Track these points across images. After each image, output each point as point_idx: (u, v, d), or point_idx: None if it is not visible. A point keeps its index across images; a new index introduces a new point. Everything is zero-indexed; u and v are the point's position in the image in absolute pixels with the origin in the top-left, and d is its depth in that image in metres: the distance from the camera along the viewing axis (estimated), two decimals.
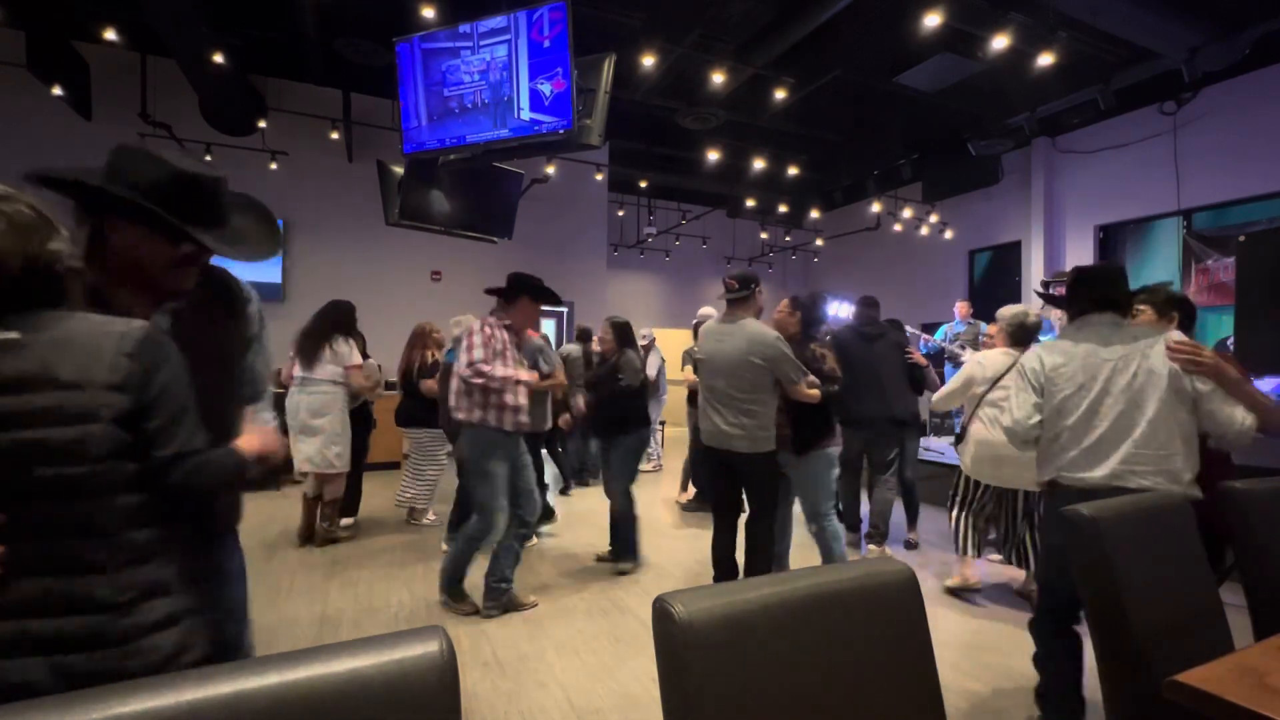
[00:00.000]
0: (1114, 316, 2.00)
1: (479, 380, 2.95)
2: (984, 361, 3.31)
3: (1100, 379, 1.91)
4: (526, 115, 4.04)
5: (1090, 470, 1.89)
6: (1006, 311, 3.35)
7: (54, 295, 0.95)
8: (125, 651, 0.90)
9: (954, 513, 3.41)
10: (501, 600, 3.15)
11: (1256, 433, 1.83)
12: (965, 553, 3.36)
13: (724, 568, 3.24)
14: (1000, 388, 3.19)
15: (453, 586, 3.19)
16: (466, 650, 2.76)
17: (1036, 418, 2.00)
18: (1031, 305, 3.38)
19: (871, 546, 4.08)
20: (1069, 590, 1.95)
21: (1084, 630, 1.95)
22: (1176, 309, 2.36)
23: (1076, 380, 1.94)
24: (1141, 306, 2.35)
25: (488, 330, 3.05)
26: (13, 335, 0.88)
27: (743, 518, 3.24)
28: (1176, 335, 1.89)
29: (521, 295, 3.20)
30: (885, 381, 4.12)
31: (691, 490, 5.51)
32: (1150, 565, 1.41)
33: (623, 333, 3.98)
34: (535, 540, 4.30)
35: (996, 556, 3.56)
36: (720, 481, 3.24)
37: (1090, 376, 1.92)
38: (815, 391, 3.03)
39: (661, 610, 0.81)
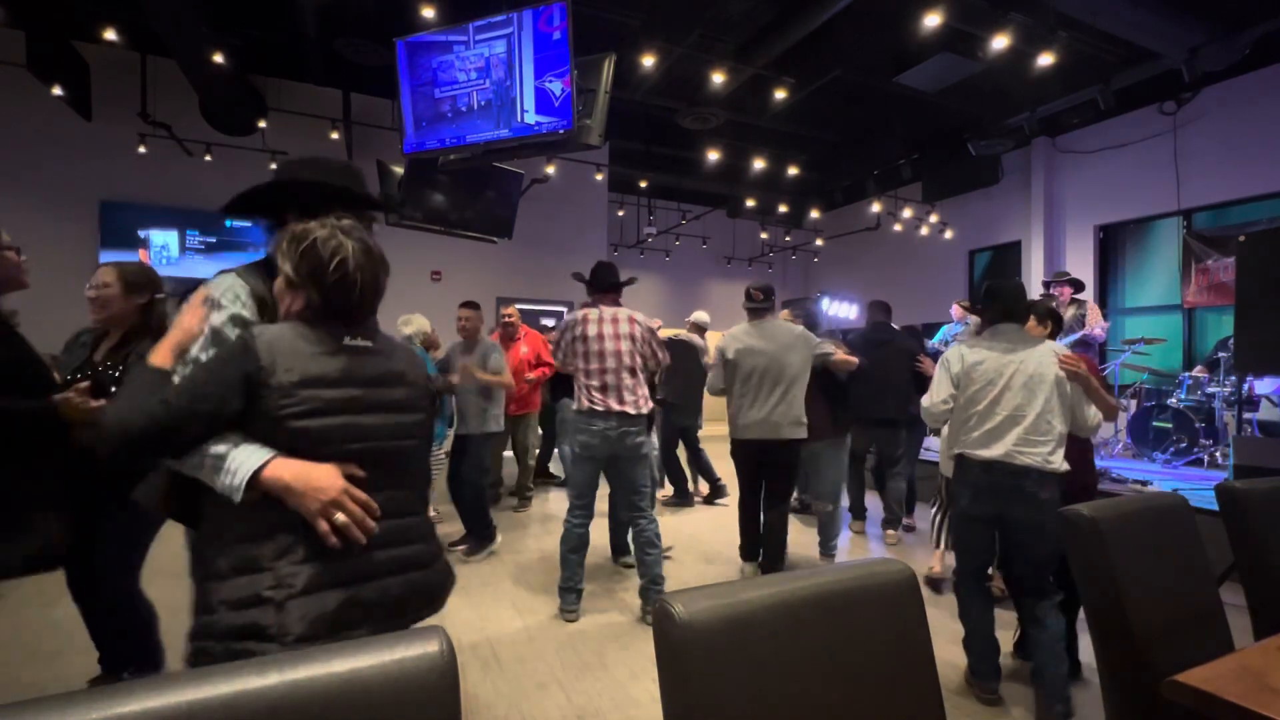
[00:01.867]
0: (1016, 326, 2.49)
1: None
2: None
3: (1004, 376, 2.37)
4: (532, 118, 3.87)
5: (989, 448, 2.35)
6: (972, 318, 3.50)
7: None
8: (434, 569, 1.28)
9: (933, 509, 3.61)
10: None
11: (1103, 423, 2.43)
12: (938, 545, 3.57)
13: (757, 538, 3.61)
14: None
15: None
16: (466, 650, 2.76)
17: (948, 404, 2.49)
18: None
19: (889, 531, 4.49)
20: (975, 547, 2.47)
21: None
22: (1050, 318, 2.83)
23: (987, 376, 2.40)
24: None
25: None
26: (368, 344, 1.21)
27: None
28: (1063, 349, 2.38)
29: (620, 288, 3.32)
30: (887, 385, 4.36)
31: (669, 487, 5.51)
32: (1150, 565, 1.41)
33: None
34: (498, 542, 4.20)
35: None
36: (753, 469, 3.57)
37: (997, 374, 2.38)
38: (854, 358, 3.64)
39: (661, 610, 0.81)
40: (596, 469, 3.14)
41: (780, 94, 6.23)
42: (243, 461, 1.06)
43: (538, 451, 5.67)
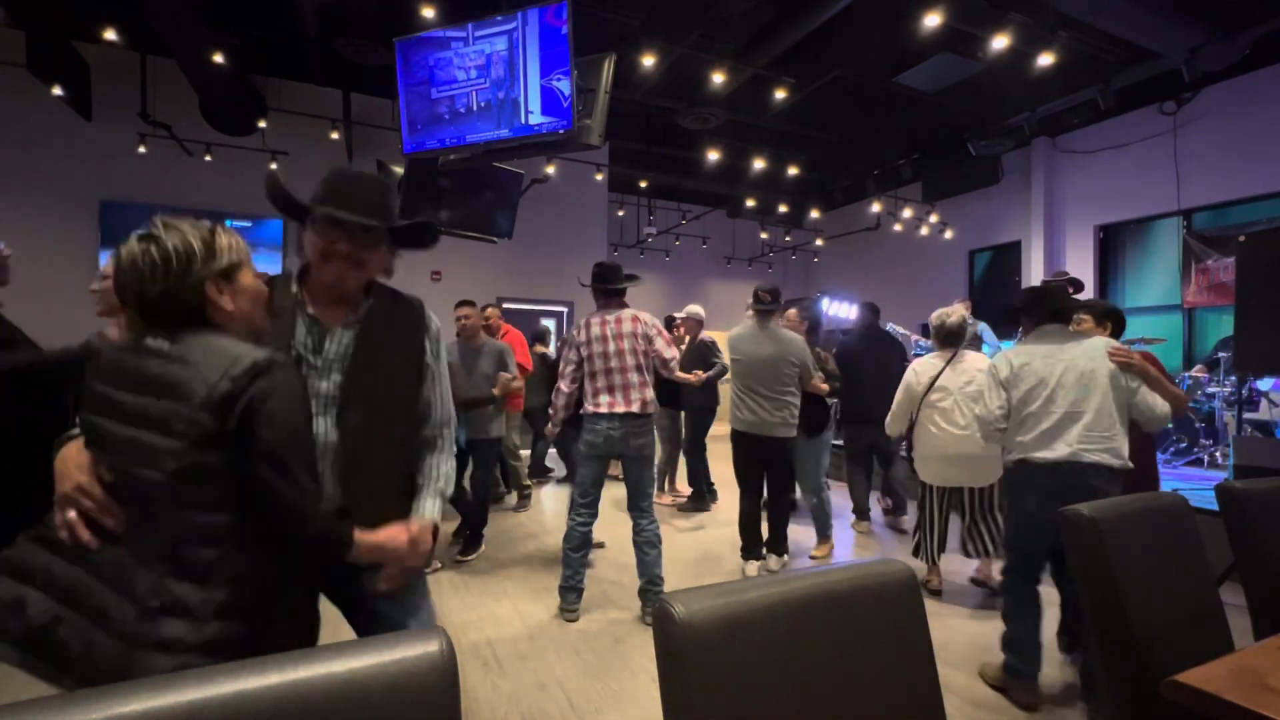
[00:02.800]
0: (1061, 326, 2.47)
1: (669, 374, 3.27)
2: (918, 369, 3.48)
3: (1055, 375, 2.34)
4: (537, 119, 3.79)
5: (1050, 449, 2.30)
6: (932, 317, 3.55)
7: (195, 318, 1.06)
8: (127, 654, 0.94)
9: (916, 523, 3.57)
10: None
11: (1172, 416, 2.35)
12: (931, 560, 3.48)
13: (756, 537, 3.77)
14: (938, 389, 3.35)
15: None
16: (466, 650, 2.76)
17: (1004, 409, 2.44)
18: (957, 307, 3.65)
19: (902, 517, 4.79)
20: (1034, 550, 2.42)
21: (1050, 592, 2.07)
22: (1110, 319, 2.84)
23: (1038, 376, 2.37)
24: (1083, 316, 2.83)
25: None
26: (163, 344, 1.02)
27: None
28: (1112, 342, 2.36)
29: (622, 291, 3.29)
30: (890, 384, 4.54)
31: (672, 489, 5.50)
32: (1150, 565, 1.41)
33: None
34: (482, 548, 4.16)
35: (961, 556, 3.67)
36: (752, 466, 3.75)
37: (1048, 373, 2.35)
38: (825, 385, 3.88)
39: (661, 610, 0.81)
40: (603, 468, 3.15)
41: (780, 94, 6.23)
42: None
43: (525, 453, 5.66)
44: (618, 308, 3.18)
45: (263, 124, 6.86)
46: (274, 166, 6.94)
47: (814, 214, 10.20)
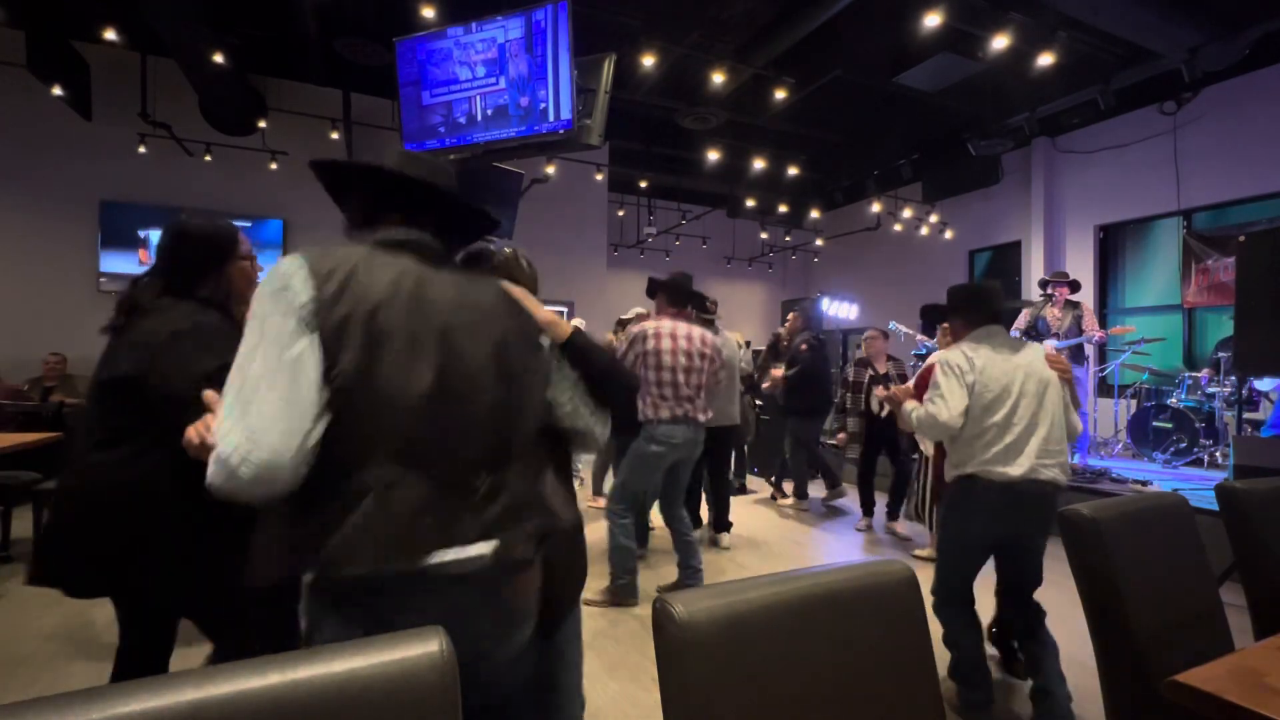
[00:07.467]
0: (1002, 329, 2.27)
1: None
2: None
3: (1018, 383, 2.13)
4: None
5: (1009, 465, 2.08)
6: None
7: None
8: None
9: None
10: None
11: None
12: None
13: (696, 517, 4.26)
14: None
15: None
16: None
17: (964, 414, 2.15)
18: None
19: (833, 490, 5.57)
20: (973, 572, 2.24)
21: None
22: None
23: (1001, 382, 2.13)
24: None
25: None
26: None
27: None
28: (1051, 350, 2.23)
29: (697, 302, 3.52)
30: (827, 381, 5.47)
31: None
32: (1150, 565, 1.41)
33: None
34: None
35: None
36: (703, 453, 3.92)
37: (1010, 379, 2.13)
38: (741, 384, 4.59)
39: (661, 610, 0.81)
40: (660, 477, 3.31)
41: (780, 94, 6.23)
42: None
43: None
44: (685, 319, 3.29)
45: (263, 124, 6.86)
46: (274, 166, 6.94)
47: (814, 214, 10.19)
